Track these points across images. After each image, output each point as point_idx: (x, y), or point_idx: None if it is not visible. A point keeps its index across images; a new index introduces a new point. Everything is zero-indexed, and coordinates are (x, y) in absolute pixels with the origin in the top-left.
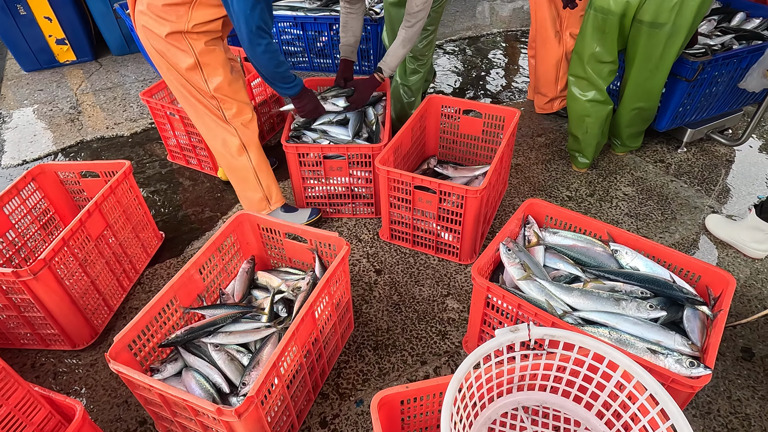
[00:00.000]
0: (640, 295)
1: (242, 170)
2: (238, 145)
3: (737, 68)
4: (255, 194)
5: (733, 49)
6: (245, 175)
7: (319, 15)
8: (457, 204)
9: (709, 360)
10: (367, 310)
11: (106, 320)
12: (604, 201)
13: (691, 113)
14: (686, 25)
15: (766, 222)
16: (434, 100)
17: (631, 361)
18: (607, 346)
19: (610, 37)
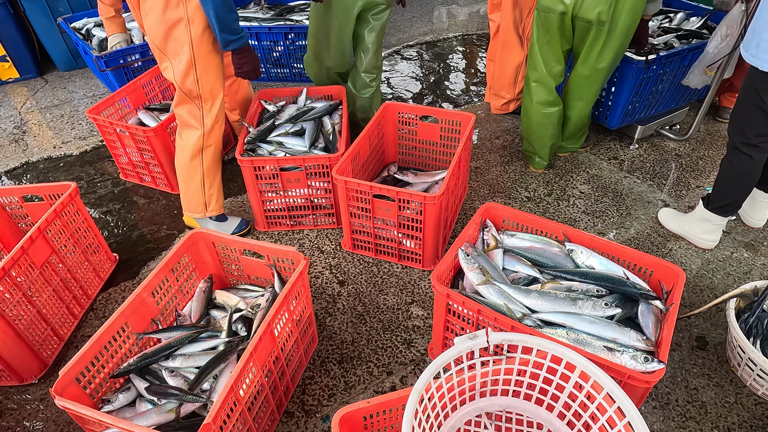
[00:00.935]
0: (596, 294)
1: (192, 170)
2: (197, 146)
3: (680, 66)
4: (195, 196)
5: (675, 48)
6: (193, 175)
7: (274, 24)
8: (416, 211)
9: (663, 354)
10: (332, 323)
11: (56, 351)
12: (562, 200)
13: (640, 110)
14: (624, 24)
15: (714, 213)
16: (391, 107)
17: (587, 361)
18: (564, 347)
19: (554, 36)
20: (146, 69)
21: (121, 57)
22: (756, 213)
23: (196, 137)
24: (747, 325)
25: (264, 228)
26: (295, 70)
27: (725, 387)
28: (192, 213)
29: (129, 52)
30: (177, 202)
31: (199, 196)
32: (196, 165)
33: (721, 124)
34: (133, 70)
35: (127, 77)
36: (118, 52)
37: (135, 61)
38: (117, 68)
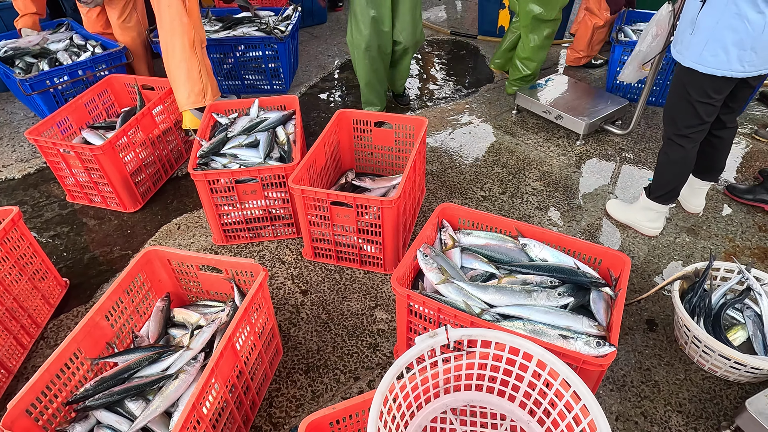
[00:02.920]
0: (549, 285)
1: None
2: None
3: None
4: (195, 86)
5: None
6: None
7: (223, 36)
8: (375, 216)
9: (614, 338)
10: (296, 333)
11: (5, 385)
12: (516, 197)
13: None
14: None
15: (655, 202)
16: (345, 115)
17: (542, 350)
18: (520, 338)
19: None
20: (76, 91)
21: (48, 79)
22: (694, 199)
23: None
24: (691, 305)
25: (222, 242)
26: (248, 81)
27: (675, 365)
28: (194, 105)
29: (56, 74)
30: (130, 220)
31: (198, 85)
32: (193, 56)
33: (660, 118)
34: (62, 92)
35: (56, 100)
36: (44, 74)
37: (63, 82)
38: (44, 91)
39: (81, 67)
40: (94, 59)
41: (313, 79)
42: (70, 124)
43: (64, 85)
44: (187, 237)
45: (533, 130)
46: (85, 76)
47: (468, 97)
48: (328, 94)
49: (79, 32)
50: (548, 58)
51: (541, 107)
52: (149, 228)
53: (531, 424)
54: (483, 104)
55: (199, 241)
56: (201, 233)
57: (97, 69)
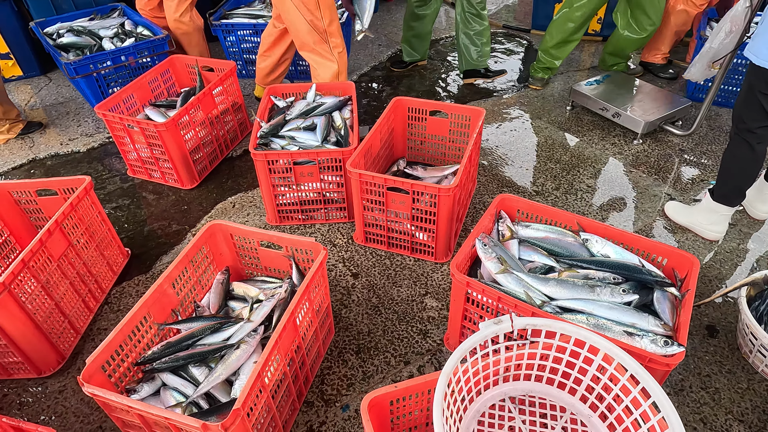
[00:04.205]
0: (612, 281)
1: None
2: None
3: None
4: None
5: None
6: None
7: None
8: (430, 203)
9: (682, 338)
10: (347, 315)
11: (73, 344)
12: (569, 194)
13: None
14: None
15: (720, 204)
16: (401, 102)
17: (610, 344)
18: (587, 331)
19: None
20: (119, 76)
21: (91, 63)
22: (762, 204)
23: (332, 72)
24: (758, 312)
25: (275, 222)
26: (300, 67)
27: (737, 374)
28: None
29: (100, 58)
30: (187, 197)
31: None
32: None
33: (724, 120)
34: (105, 77)
35: (98, 84)
36: (88, 59)
37: (106, 67)
38: (87, 75)
39: (124, 53)
40: (137, 46)
41: (363, 68)
42: (135, 101)
43: (106, 70)
44: (242, 215)
45: (588, 127)
46: (128, 62)
47: (520, 92)
48: (378, 83)
49: (131, 18)
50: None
51: (597, 104)
52: (205, 205)
53: (592, 419)
54: (536, 99)
55: (253, 220)
56: (255, 212)
57: (139, 56)
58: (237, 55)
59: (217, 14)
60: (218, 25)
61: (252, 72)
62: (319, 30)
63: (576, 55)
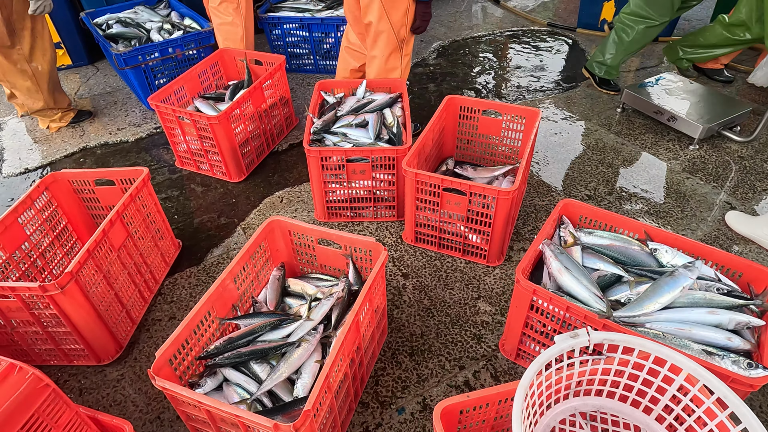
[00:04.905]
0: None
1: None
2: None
3: None
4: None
5: None
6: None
7: (326, 16)
8: (486, 205)
9: (766, 359)
10: (399, 316)
11: (130, 333)
12: (623, 199)
13: None
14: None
15: None
16: (454, 101)
17: (695, 364)
18: (668, 349)
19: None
20: (165, 68)
21: (140, 55)
22: None
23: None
24: None
25: (324, 218)
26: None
27: None
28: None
29: (148, 50)
30: (235, 190)
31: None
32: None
33: None
34: (153, 69)
35: (146, 75)
36: (137, 50)
37: (154, 59)
38: (136, 66)
39: (171, 45)
40: (184, 38)
41: None
42: (185, 93)
43: (154, 61)
44: (290, 210)
45: (640, 130)
46: (175, 54)
47: (567, 92)
48: (422, 80)
49: (177, 10)
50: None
51: (651, 107)
52: (252, 199)
53: None
54: (584, 100)
55: (301, 216)
56: (303, 208)
57: (186, 48)
58: (282, 49)
59: (264, 7)
60: (265, 18)
61: (296, 66)
62: (399, 37)
63: None
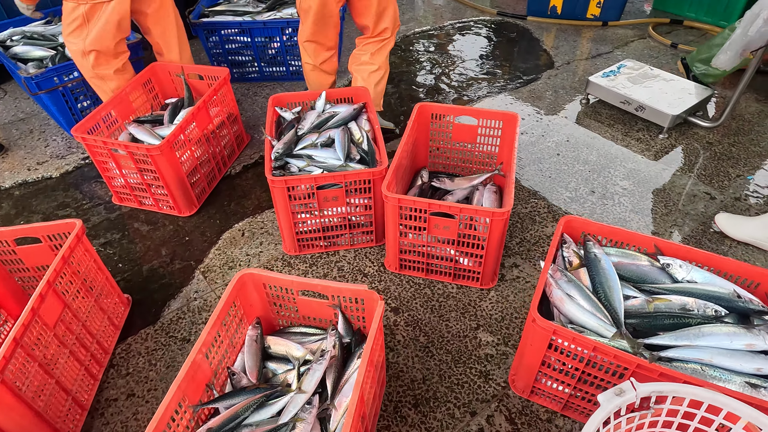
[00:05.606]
0: (713, 314)
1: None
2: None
3: None
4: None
5: None
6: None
7: (268, 19)
8: (479, 227)
9: None
10: (395, 359)
11: (80, 423)
12: (606, 198)
13: None
14: None
15: None
16: (424, 109)
17: (756, 412)
18: (722, 395)
19: None
20: (87, 88)
21: (56, 77)
22: None
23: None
24: None
25: (295, 251)
26: (293, 68)
27: None
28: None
29: (65, 70)
30: (187, 226)
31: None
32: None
33: (744, 107)
34: (72, 91)
35: (65, 100)
36: (51, 71)
37: (73, 80)
38: (52, 90)
39: None
40: None
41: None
42: (115, 118)
43: (74, 83)
44: (254, 245)
45: (608, 122)
46: None
47: (529, 86)
48: None
49: None
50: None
51: (618, 97)
52: (209, 234)
53: None
54: (548, 92)
55: (268, 250)
56: (269, 240)
57: None
58: (222, 57)
59: (197, 11)
60: (199, 24)
61: (239, 74)
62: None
63: (574, 42)
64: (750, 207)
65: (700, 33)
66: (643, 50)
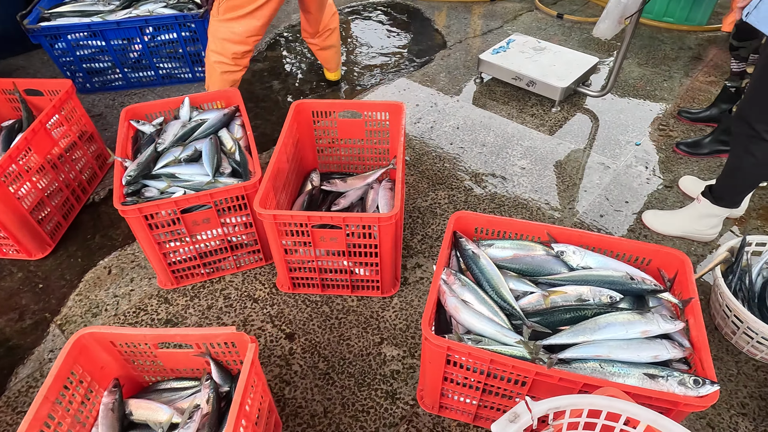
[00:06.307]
0: (609, 301)
1: None
2: None
3: None
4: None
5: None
6: None
7: (123, 18)
8: (369, 234)
9: (710, 371)
10: (292, 394)
11: None
12: (506, 181)
13: None
14: None
15: (725, 208)
16: (302, 107)
17: (654, 414)
18: (621, 402)
19: None
20: None
21: None
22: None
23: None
24: (732, 289)
25: (172, 285)
26: (163, 71)
27: (724, 359)
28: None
29: None
30: (40, 270)
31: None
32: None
33: (628, 73)
34: None
35: None
36: None
37: None
38: None
39: None
40: None
41: None
42: None
43: None
44: (124, 284)
45: (503, 99)
46: None
47: (423, 68)
48: (264, 78)
49: None
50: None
51: (509, 74)
52: (69, 277)
53: None
54: (442, 74)
55: (141, 287)
56: (141, 275)
57: None
58: (75, 66)
59: (34, 15)
60: (37, 30)
61: (99, 84)
62: None
63: (465, 20)
64: (640, 174)
65: (584, 2)
66: (532, 23)
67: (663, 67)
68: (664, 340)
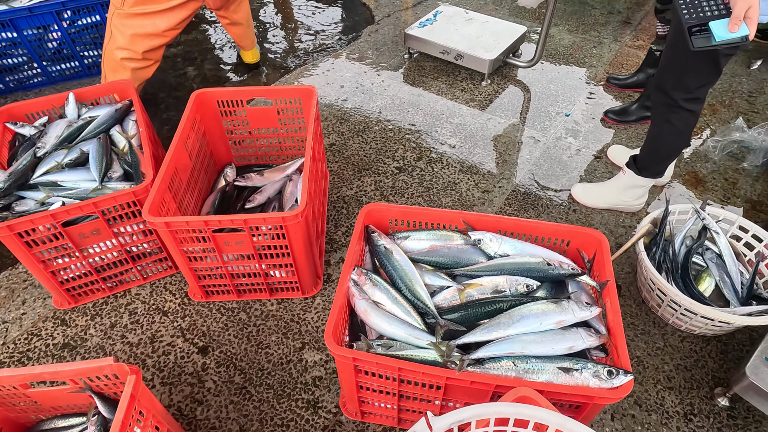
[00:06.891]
0: (526, 290)
1: None
2: None
3: None
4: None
5: None
6: None
7: (35, 4)
8: (278, 234)
9: (624, 359)
10: (205, 415)
11: None
12: (435, 162)
13: None
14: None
15: (649, 178)
16: (204, 96)
17: (563, 418)
18: (528, 407)
19: None
20: None
21: None
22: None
23: None
24: (656, 261)
25: (69, 305)
26: (88, 60)
27: (651, 332)
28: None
29: None
30: None
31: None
32: None
33: (558, 41)
34: None
35: None
36: None
37: None
38: None
39: None
40: None
41: None
42: None
43: None
44: (14, 307)
45: (432, 75)
46: None
47: (350, 45)
48: (177, 64)
49: None
50: None
51: (437, 47)
52: None
53: None
54: (370, 51)
55: (34, 309)
56: (35, 296)
57: None
58: None
59: None
60: None
61: (16, 82)
62: None
63: None
64: (570, 146)
65: None
66: None
67: (593, 32)
68: (580, 328)
